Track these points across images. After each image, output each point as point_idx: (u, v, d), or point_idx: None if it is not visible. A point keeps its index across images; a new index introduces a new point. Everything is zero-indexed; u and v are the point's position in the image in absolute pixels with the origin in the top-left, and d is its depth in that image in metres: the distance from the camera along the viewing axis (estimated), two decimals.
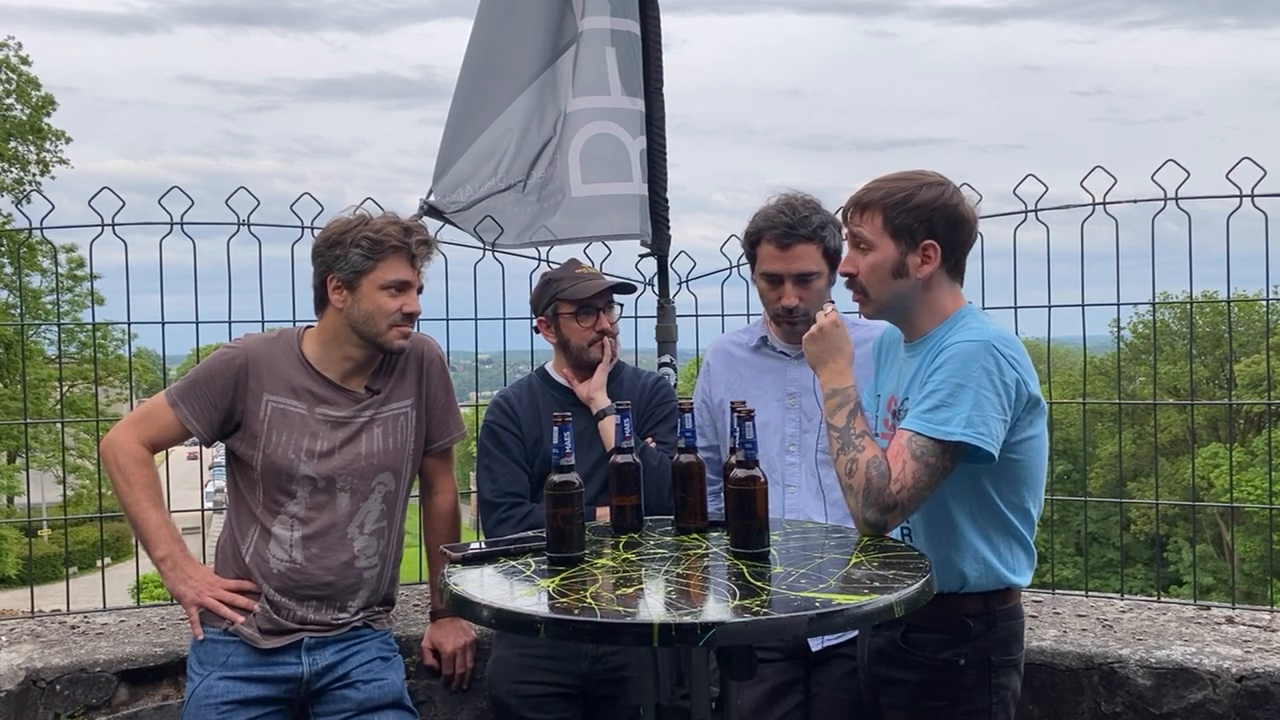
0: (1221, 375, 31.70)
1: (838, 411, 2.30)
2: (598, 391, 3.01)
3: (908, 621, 2.29)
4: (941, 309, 2.34)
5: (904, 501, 2.18)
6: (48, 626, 3.51)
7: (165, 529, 2.80)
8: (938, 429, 2.16)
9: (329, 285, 2.76)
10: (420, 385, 2.91)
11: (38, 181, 27.55)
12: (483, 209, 3.84)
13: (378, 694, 2.79)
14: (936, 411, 2.18)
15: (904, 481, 2.17)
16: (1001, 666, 2.32)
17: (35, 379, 22.23)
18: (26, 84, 27.82)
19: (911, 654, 2.33)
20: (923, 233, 2.28)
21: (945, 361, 2.21)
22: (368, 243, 2.71)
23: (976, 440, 2.15)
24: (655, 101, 4.03)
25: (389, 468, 2.84)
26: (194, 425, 2.77)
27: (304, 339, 2.84)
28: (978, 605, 2.31)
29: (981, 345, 2.20)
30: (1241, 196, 3.35)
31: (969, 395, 2.16)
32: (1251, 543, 27.52)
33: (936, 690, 2.30)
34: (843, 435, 2.27)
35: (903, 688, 2.35)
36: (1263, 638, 3.19)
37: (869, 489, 2.19)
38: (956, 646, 2.29)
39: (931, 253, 2.29)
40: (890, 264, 2.29)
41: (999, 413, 2.18)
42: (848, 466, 2.24)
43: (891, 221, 2.28)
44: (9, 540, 25.51)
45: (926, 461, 2.17)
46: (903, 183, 2.31)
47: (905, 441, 2.19)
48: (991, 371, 2.18)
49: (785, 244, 2.83)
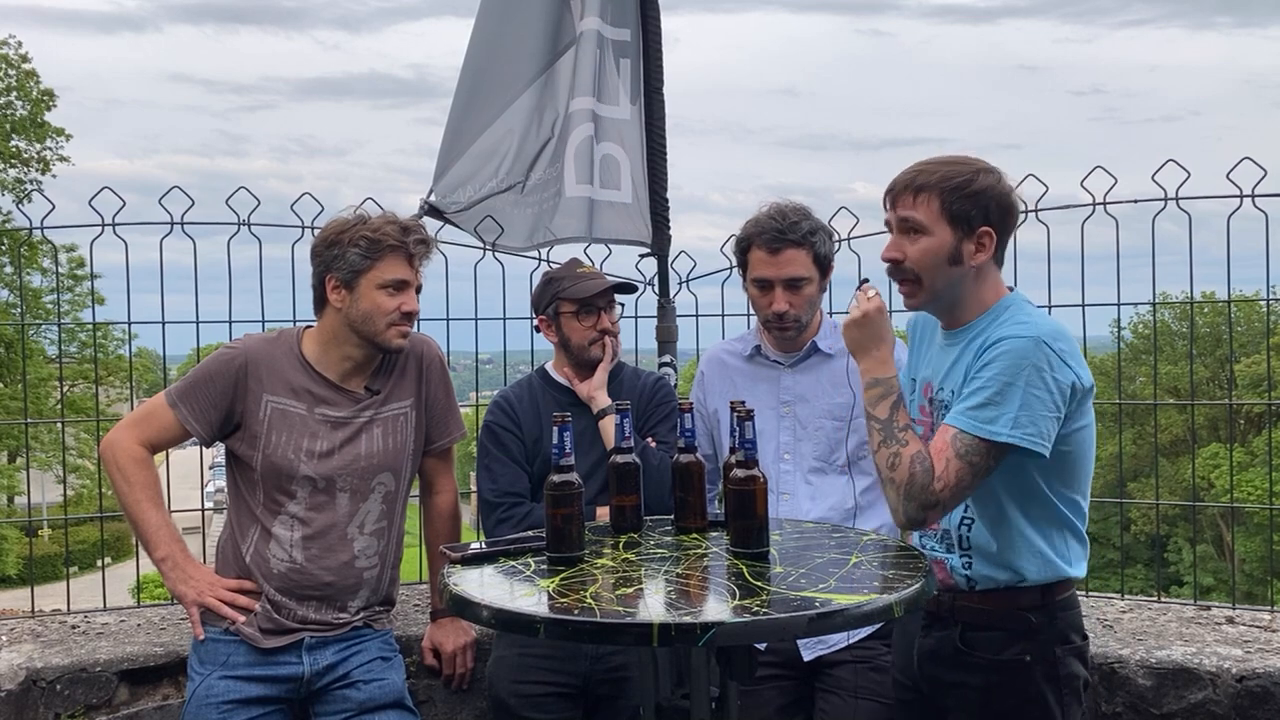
0: (1221, 375, 31.72)
1: (880, 403, 2.22)
2: (598, 390, 3.01)
3: (962, 620, 2.28)
4: (984, 299, 2.29)
5: (945, 500, 2.14)
6: (48, 626, 3.51)
7: (165, 529, 2.80)
8: (983, 428, 2.12)
9: (327, 285, 2.75)
10: (420, 385, 2.91)
11: (38, 180, 27.58)
12: (483, 209, 3.84)
13: (378, 694, 2.80)
14: (983, 409, 2.12)
15: (947, 480, 2.12)
16: (1066, 657, 2.27)
17: (35, 379, 22.23)
18: (27, 76, 27.81)
19: (972, 655, 2.28)
20: (980, 219, 2.22)
21: (996, 358, 2.14)
22: (365, 242, 2.70)
23: (1024, 442, 2.11)
24: (655, 102, 4.04)
25: (389, 468, 2.84)
26: (193, 426, 2.77)
27: (303, 339, 2.84)
28: (1035, 598, 2.26)
29: (1033, 341, 2.13)
30: (1242, 196, 3.35)
31: (1017, 394, 2.11)
32: (1252, 543, 27.49)
33: (1006, 691, 2.25)
34: (885, 428, 2.20)
35: (968, 691, 2.29)
36: (1263, 638, 3.19)
37: (912, 485, 2.13)
38: (1019, 643, 2.25)
39: (987, 240, 2.23)
40: (947, 250, 2.22)
41: (1050, 410, 2.13)
42: (890, 460, 2.17)
43: (950, 206, 2.20)
44: (9, 540, 25.52)
45: (970, 461, 2.12)
46: (959, 166, 2.25)
47: (950, 439, 2.14)
48: (1043, 369, 2.12)
49: (775, 249, 2.83)
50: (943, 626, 2.33)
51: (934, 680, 2.37)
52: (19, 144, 27.91)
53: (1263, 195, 3.34)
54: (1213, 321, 29.43)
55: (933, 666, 2.37)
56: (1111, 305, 3.64)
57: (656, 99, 4.04)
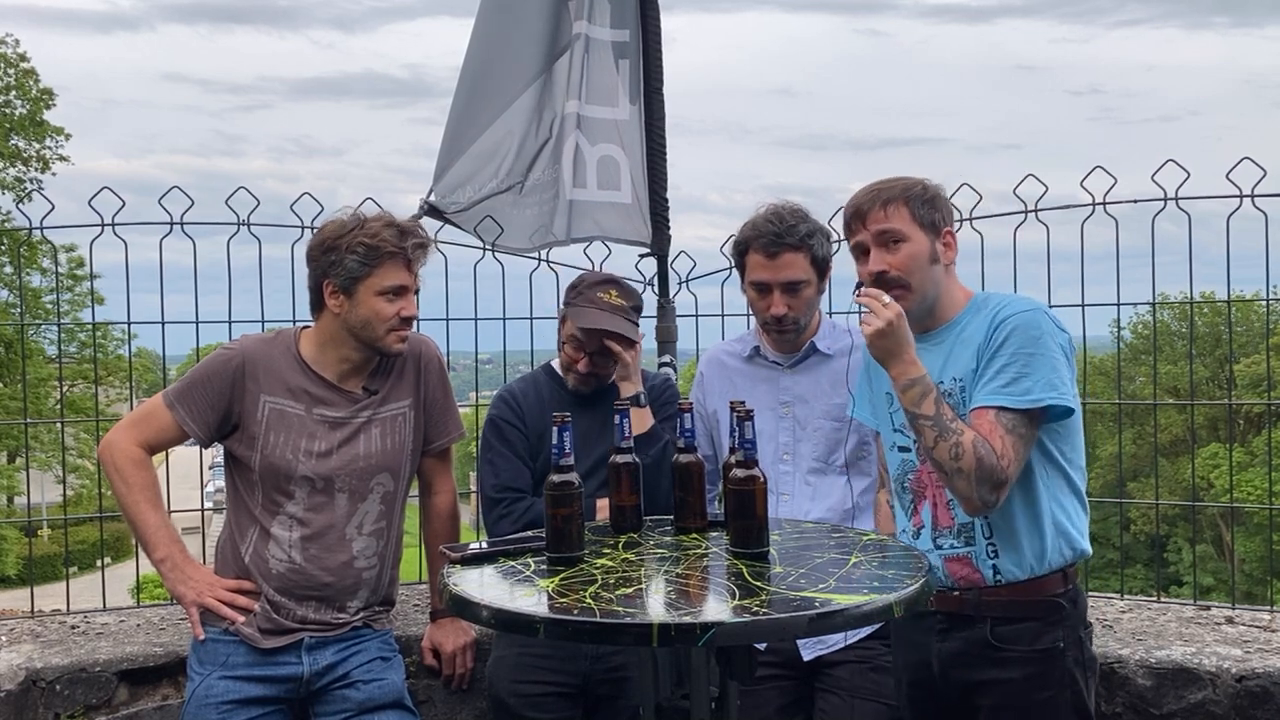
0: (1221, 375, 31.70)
1: (923, 401, 2.29)
2: (623, 381, 3.01)
3: (991, 616, 2.34)
4: (958, 297, 2.45)
5: (1011, 475, 2.25)
6: (48, 626, 3.51)
7: (164, 530, 2.80)
8: (1022, 399, 2.25)
9: (325, 290, 2.74)
10: (419, 386, 2.91)
11: (39, 179, 27.58)
12: (483, 209, 3.85)
13: (378, 694, 2.79)
14: (1017, 383, 2.26)
15: (1009, 455, 2.23)
16: (1088, 638, 2.39)
17: (35, 379, 22.21)
18: (25, 75, 27.79)
19: (1005, 649, 2.33)
20: (942, 221, 2.42)
21: (1010, 334, 2.29)
22: (363, 249, 2.68)
23: (1060, 400, 2.26)
24: (655, 102, 4.04)
25: (387, 468, 2.84)
26: (191, 427, 2.77)
27: (301, 340, 2.83)
28: (1060, 582, 2.36)
29: (1037, 312, 2.32)
30: (1241, 196, 3.35)
31: (1044, 360, 2.26)
32: (1251, 543, 27.49)
33: (1043, 680, 2.31)
34: (937, 423, 2.26)
35: (1007, 686, 2.33)
36: (1263, 638, 3.19)
37: (981, 468, 2.21)
38: (1053, 630, 2.32)
39: (950, 239, 2.43)
40: (927, 252, 2.38)
41: (1067, 370, 2.30)
42: (952, 451, 2.23)
43: (917, 212, 2.38)
44: (9, 540, 25.52)
45: (1020, 433, 2.25)
46: (907, 179, 2.44)
47: (994, 418, 2.25)
48: (1053, 334, 2.30)
49: (773, 253, 2.82)
50: (966, 625, 2.36)
51: (962, 683, 2.39)
52: (18, 143, 27.91)
53: (1262, 195, 3.35)
54: (1212, 321, 29.41)
55: (960, 669, 2.39)
56: (1111, 305, 3.65)
57: (656, 99, 4.04)
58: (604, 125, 3.99)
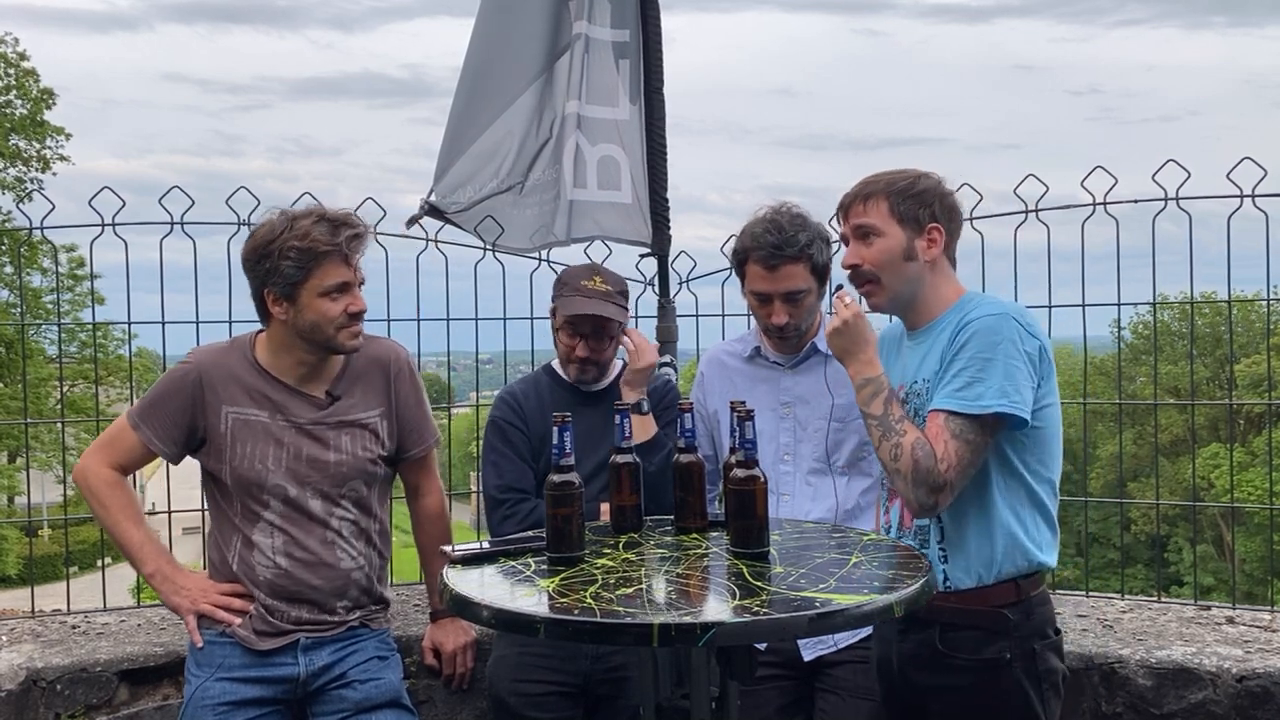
0: (1221, 375, 31.72)
1: (873, 400, 2.30)
2: (625, 385, 3.01)
3: (940, 621, 2.30)
4: (946, 295, 2.40)
5: (952, 480, 2.20)
6: (48, 626, 3.51)
7: (149, 544, 2.78)
8: (972, 405, 2.20)
9: (268, 300, 2.67)
10: (389, 394, 2.85)
11: (39, 179, 27.58)
12: (484, 209, 3.85)
13: (375, 693, 2.79)
14: (970, 388, 2.21)
15: (950, 460, 2.19)
16: (1044, 652, 2.31)
17: (35, 379, 22.20)
18: (25, 75, 27.79)
19: (952, 656, 2.30)
20: (927, 217, 2.36)
21: (970, 338, 2.25)
22: (296, 252, 2.60)
23: (1011, 409, 2.20)
24: (655, 102, 4.04)
25: (359, 475, 2.79)
26: (158, 446, 2.74)
27: (256, 345, 2.78)
28: (1010, 593, 2.30)
29: (1001, 318, 2.26)
30: (1242, 196, 3.35)
31: (998, 367, 2.21)
32: (1252, 543, 27.49)
33: (987, 691, 2.28)
34: (882, 423, 2.27)
35: (952, 694, 2.31)
36: (1263, 638, 3.19)
37: (917, 471, 2.19)
38: (997, 641, 2.28)
39: (936, 235, 2.37)
40: (901, 248, 2.35)
41: (1028, 380, 2.23)
42: (892, 452, 2.24)
43: (897, 208, 2.35)
44: (9, 540, 25.50)
45: (967, 439, 2.20)
46: (901, 172, 2.41)
47: (943, 422, 2.22)
48: (1015, 340, 2.23)
49: (772, 265, 2.79)
50: (920, 628, 2.34)
51: (916, 685, 2.38)
52: (19, 143, 27.91)
53: (1263, 195, 3.35)
54: (1213, 321, 29.43)
55: (913, 670, 2.38)
56: (1111, 305, 3.65)
57: (657, 99, 4.04)
58: (604, 125, 4.00)
